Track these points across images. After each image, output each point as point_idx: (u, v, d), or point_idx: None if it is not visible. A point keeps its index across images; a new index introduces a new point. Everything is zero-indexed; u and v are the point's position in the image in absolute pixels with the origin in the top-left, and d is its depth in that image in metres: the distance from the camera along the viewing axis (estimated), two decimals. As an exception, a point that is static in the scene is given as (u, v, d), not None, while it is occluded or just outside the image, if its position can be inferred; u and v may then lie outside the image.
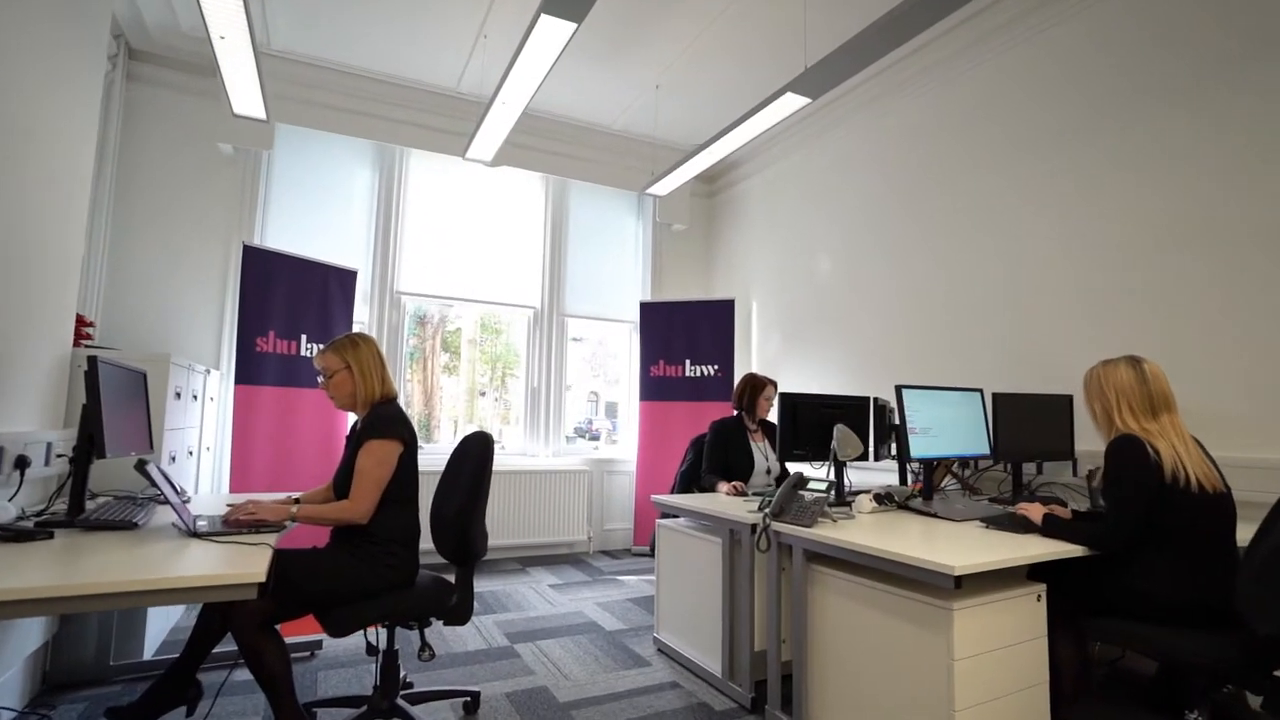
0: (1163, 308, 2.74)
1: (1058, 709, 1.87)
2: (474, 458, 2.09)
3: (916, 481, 3.04)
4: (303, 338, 3.87)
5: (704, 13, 3.65)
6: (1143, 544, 1.84)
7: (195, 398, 3.32)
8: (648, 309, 5.26)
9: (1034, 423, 2.83)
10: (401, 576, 2.01)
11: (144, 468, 1.85)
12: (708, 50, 4.02)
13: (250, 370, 3.61)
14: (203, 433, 3.54)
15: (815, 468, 2.96)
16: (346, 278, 4.12)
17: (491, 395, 5.51)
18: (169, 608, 3.01)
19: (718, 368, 5.08)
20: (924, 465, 2.76)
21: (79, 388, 2.40)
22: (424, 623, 2.08)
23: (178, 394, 2.93)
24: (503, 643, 3.05)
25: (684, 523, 2.90)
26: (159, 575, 1.35)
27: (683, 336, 5.15)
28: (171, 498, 1.85)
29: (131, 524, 1.82)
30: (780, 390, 3.15)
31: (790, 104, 3.32)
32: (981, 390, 3.00)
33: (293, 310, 3.82)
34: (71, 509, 1.89)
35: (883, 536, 2.02)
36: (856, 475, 3.45)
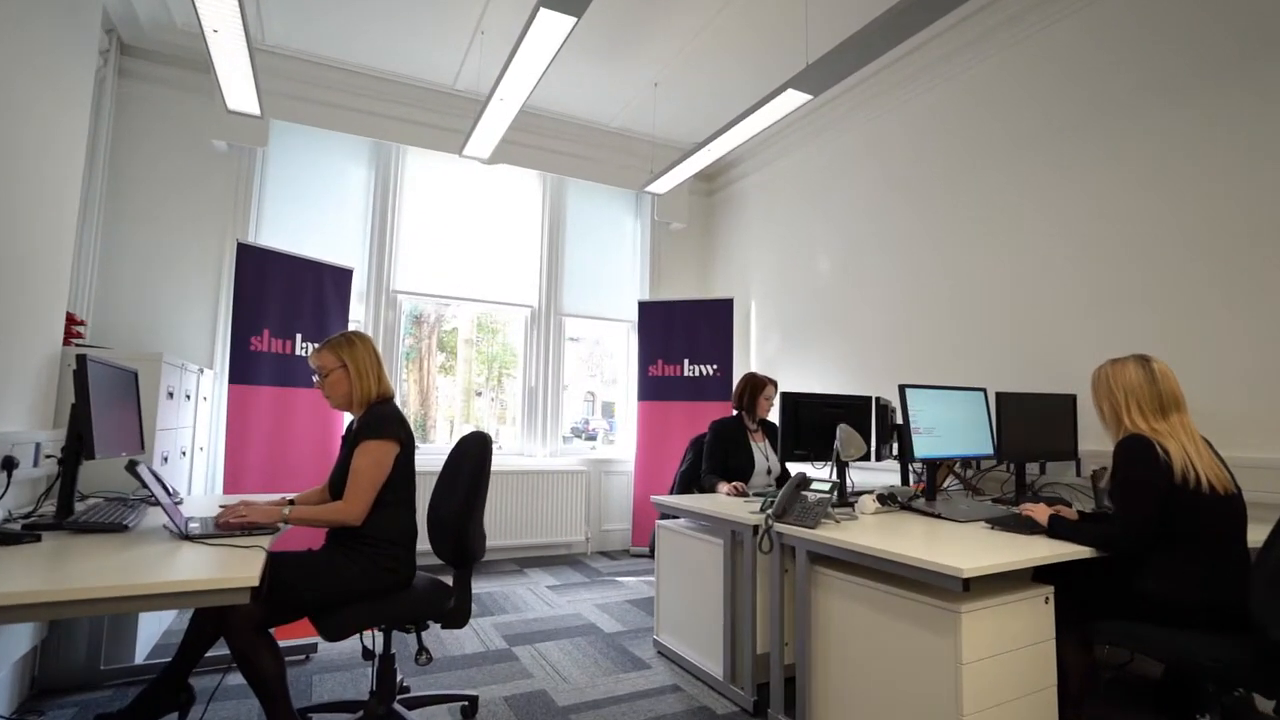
0: (1163, 306, 2.72)
1: (1064, 713, 1.84)
2: (472, 458, 2.05)
3: (918, 482, 3.02)
4: (297, 337, 3.83)
5: (703, 9, 3.62)
6: (1152, 545, 1.82)
7: (188, 397, 3.27)
8: (646, 308, 5.23)
9: (1038, 422, 2.81)
10: (398, 579, 1.97)
11: (134, 468, 1.81)
12: (707, 47, 3.99)
13: (244, 370, 3.57)
14: (196, 433, 3.49)
15: (817, 468, 2.94)
16: (342, 276, 4.08)
17: (488, 395, 5.47)
18: (161, 611, 2.96)
19: (716, 367, 5.05)
20: (927, 465, 2.74)
21: (69, 387, 2.34)
22: (421, 626, 2.04)
23: (170, 393, 2.89)
24: (501, 645, 3.01)
25: (684, 524, 2.87)
26: (149, 580, 1.31)
27: (681, 336, 5.12)
28: (162, 499, 1.81)
29: (121, 526, 1.78)
30: (780, 390, 3.12)
31: (791, 101, 3.29)
32: (985, 390, 2.98)
33: (287, 309, 3.78)
34: (60, 511, 1.86)
35: (887, 538, 1.99)
36: (857, 475, 3.43)
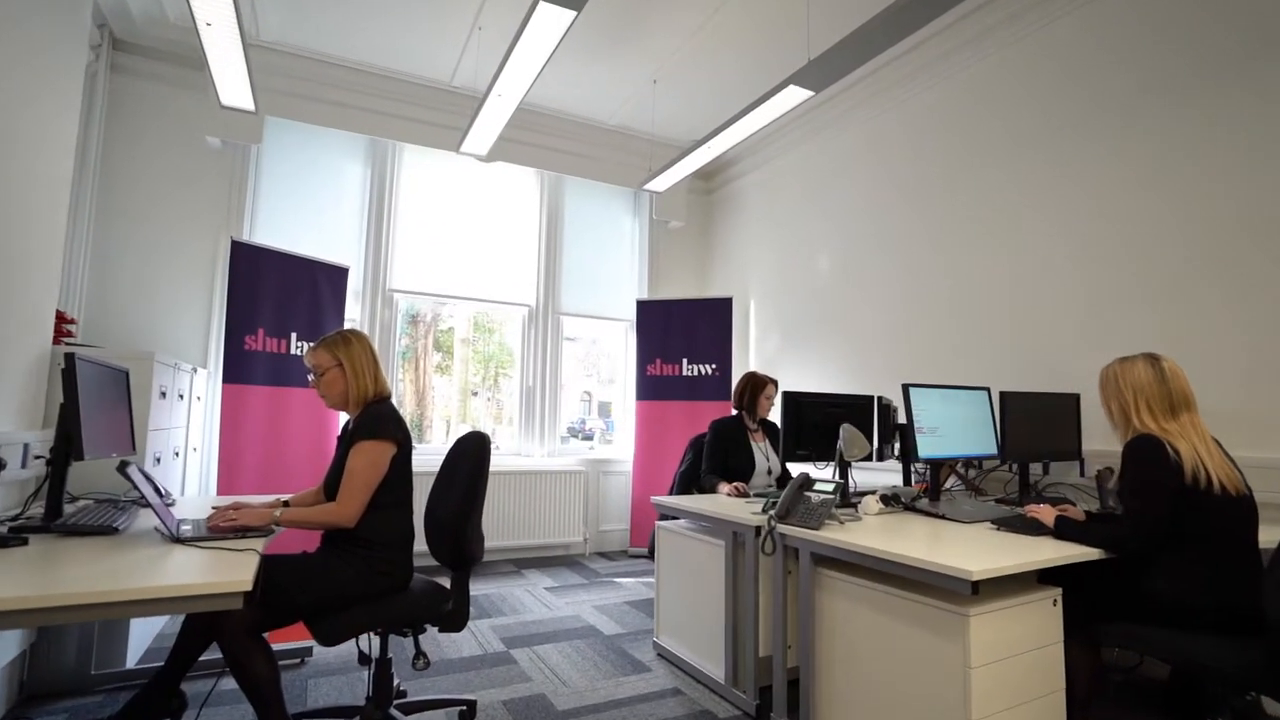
0: (1163, 305, 2.70)
1: (1072, 717, 1.81)
2: (470, 458, 2.01)
3: (920, 482, 2.99)
4: (292, 336, 3.78)
5: (703, 6, 3.58)
6: (1161, 547, 1.79)
7: (181, 397, 3.22)
8: (644, 307, 5.19)
9: (1042, 422, 2.78)
10: (395, 582, 1.94)
11: (125, 469, 1.77)
12: (706, 44, 3.95)
13: (238, 369, 3.52)
14: (189, 433, 3.45)
15: (819, 468, 2.91)
16: (337, 275, 4.03)
17: (484, 395, 5.43)
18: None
19: (715, 367, 5.02)
20: (930, 465, 2.71)
21: (59, 387, 2.30)
22: (418, 629, 2.00)
23: (163, 393, 2.84)
24: (499, 648, 2.97)
25: (685, 525, 2.83)
26: (137, 585, 1.27)
27: (680, 335, 5.08)
28: (153, 500, 1.77)
29: (111, 529, 1.74)
30: (781, 389, 3.09)
31: (793, 97, 3.26)
32: (988, 389, 2.95)
33: (282, 308, 3.73)
34: (48, 513, 1.82)
35: (892, 539, 1.96)
36: (859, 475, 3.40)
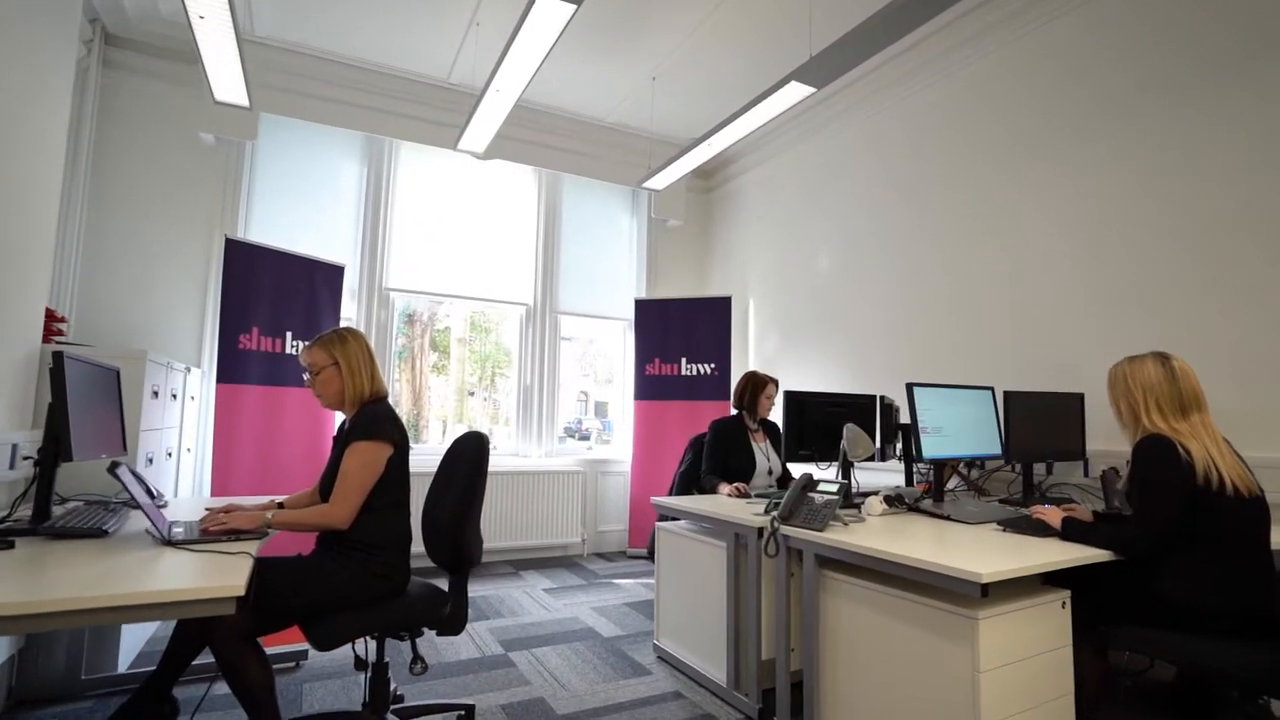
0: (1163, 304, 2.69)
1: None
2: (468, 459, 1.97)
3: (922, 482, 2.97)
4: (288, 335, 3.73)
5: (703, 2, 3.55)
6: (1171, 548, 1.76)
7: (174, 397, 3.18)
8: (643, 306, 5.15)
9: (1045, 422, 2.75)
10: (392, 586, 1.90)
11: (115, 470, 1.73)
12: (706, 41, 3.92)
13: (233, 368, 3.47)
14: (183, 434, 3.40)
15: (821, 468, 2.88)
16: (333, 273, 3.98)
17: (481, 395, 5.39)
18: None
19: (714, 366, 4.98)
20: (934, 466, 2.68)
21: (48, 386, 2.26)
22: (415, 633, 1.96)
23: (155, 393, 2.80)
24: (497, 651, 2.93)
25: (685, 526, 2.80)
26: (126, 590, 1.23)
27: (678, 334, 5.05)
28: (144, 502, 1.73)
29: (101, 531, 1.70)
30: (781, 389, 3.06)
31: (794, 94, 3.23)
32: (992, 389, 2.92)
33: (277, 306, 3.67)
34: (36, 515, 1.77)
35: (897, 540, 1.93)
36: (861, 476, 3.37)
